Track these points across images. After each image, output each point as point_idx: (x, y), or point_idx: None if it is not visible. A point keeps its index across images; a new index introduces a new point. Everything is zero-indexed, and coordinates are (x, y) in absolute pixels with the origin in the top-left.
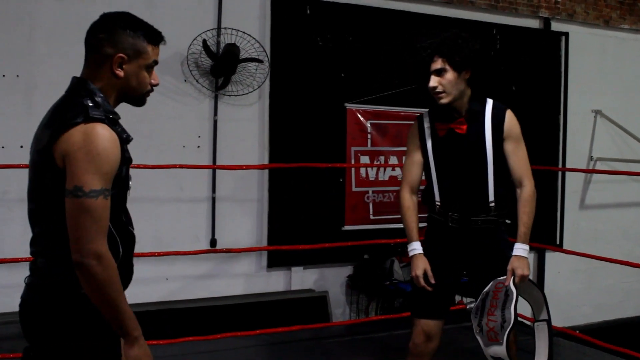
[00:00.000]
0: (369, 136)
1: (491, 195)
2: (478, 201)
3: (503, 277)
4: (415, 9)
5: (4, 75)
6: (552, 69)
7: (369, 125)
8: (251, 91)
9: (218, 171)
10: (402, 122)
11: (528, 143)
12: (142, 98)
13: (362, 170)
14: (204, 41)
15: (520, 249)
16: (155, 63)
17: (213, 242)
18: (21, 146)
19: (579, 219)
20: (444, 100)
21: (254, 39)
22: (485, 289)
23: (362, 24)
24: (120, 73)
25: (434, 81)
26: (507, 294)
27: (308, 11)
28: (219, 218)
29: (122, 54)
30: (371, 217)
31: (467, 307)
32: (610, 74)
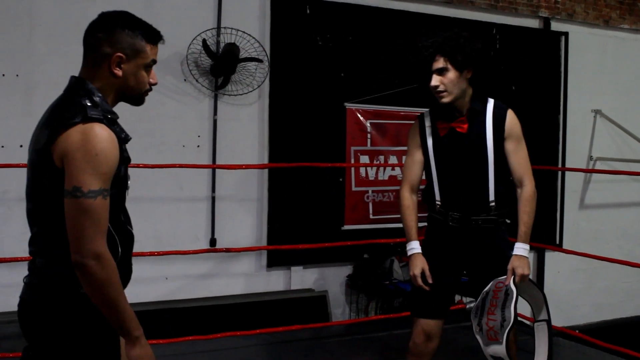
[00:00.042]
0: (368, 136)
1: (491, 194)
2: (478, 200)
3: (503, 277)
4: (415, 9)
5: (3, 75)
6: (552, 69)
7: (368, 124)
8: (251, 91)
9: (218, 171)
10: (402, 122)
11: (528, 143)
12: (141, 97)
13: (362, 170)
14: (204, 41)
15: (521, 249)
16: (154, 62)
17: (213, 242)
18: (21, 145)
19: (579, 218)
20: (445, 100)
21: (254, 38)
22: (485, 289)
23: (362, 23)
24: (119, 72)
25: (436, 80)
26: (507, 294)
27: (308, 11)
28: (219, 217)
29: (121, 53)
30: (371, 217)
31: (467, 307)
32: (610, 73)
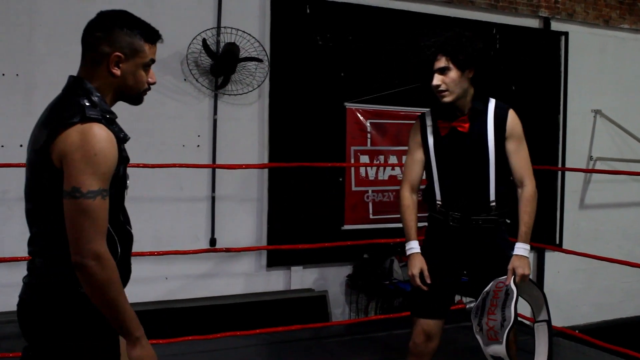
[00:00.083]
0: (368, 135)
1: (492, 194)
2: (479, 200)
3: (504, 277)
4: (415, 9)
5: (3, 74)
6: (552, 69)
7: (368, 124)
8: (251, 90)
9: (218, 170)
10: (402, 122)
11: (528, 143)
12: (139, 97)
13: (362, 170)
14: (204, 40)
15: (521, 249)
16: (152, 62)
17: (213, 242)
18: (20, 145)
19: (579, 218)
20: (447, 99)
21: (254, 38)
22: (485, 289)
23: (362, 23)
24: (117, 72)
25: (438, 79)
26: (508, 293)
27: (308, 10)
28: (219, 217)
29: (119, 52)
30: (371, 217)
31: (467, 307)
32: (610, 73)
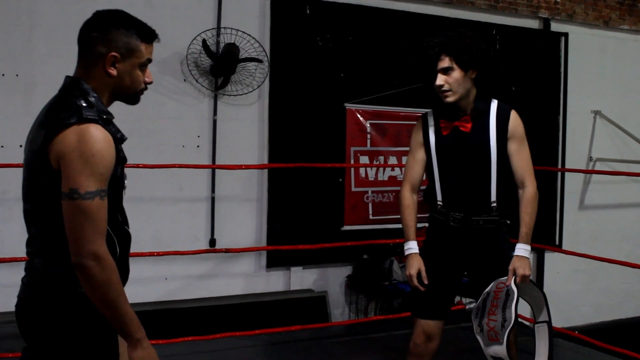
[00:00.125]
0: (368, 136)
1: (493, 195)
2: (480, 201)
3: (504, 277)
4: (415, 9)
5: (3, 75)
6: (552, 70)
7: (368, 125)
8: (251, 91)
9: (217, 171)
10: (402, 122)
11: (528, 143)
12: (136, 96)
13: (362, 170)
14: (204, 41)
15: (522, 249)
16: (149, 61)
17: (212, 242)
18: (20, 145)
19: (579, 219)
20: (450, 99)
21: (254, 38)
22: (486, 289)
23: (362, 24)
24: (114, 72)
25: (441, 79)
26: (508, 294)
27: (308, 11)
28: (219, 218)
29: (115, 52)
30: (370, 217)
31: (467, 308)
32: (610, 74)
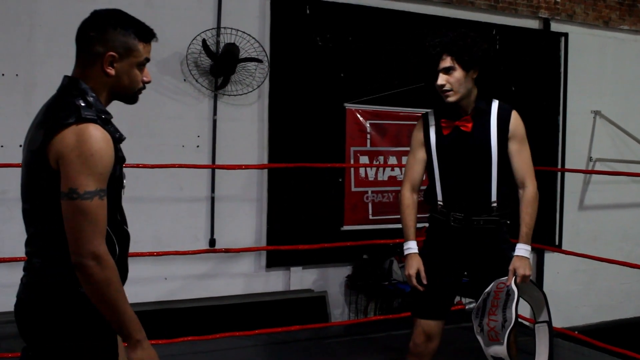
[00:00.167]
0: (368, 136)
1: (494, 195)
2: (480, 201)
3: (504, 278)
4: (414, 9)
5: (3, 75)
6: (552, 70)
7: (368, 125)
8: (250, 91)
9: (217, 171)
10: (402, 123)
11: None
12: (134, 96)
13: (362, 170)
14: (204, 41)
15: (522, 249)
16: (147, 60)
17: (212, 242)
18: (20, 145)
19: (578, 219)
20: (451, 99)
21: (254, 38)
22: (486, 289)
23: (362, 24)
24: (111, 71)
25: (442, 79)
26: (509, 294)
27: (308, 11)
28: (218, 218)
29: (113, 52)
30: (370, 217)
31: (466, 308)
32: (610, 74)
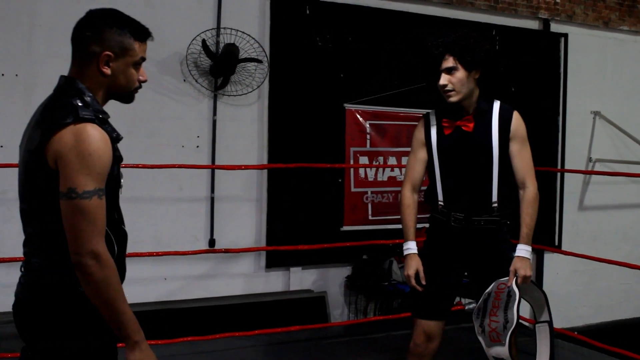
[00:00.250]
0: (368, 137)
1: (495, 195)
2: (481, 201)
3: (505, 278)
4: (414, 10)
5: (3, 75)
6: (552, 70)
7: (368, 125)
8: (250, 91)
9: (217, 171)
10: (401, 123)
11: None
12: (131, 95)
13: (361, 171)
14: (203, 41)
15: (523, 250)
16: (143, 59)
17: (212, 242)
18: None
19: (578, 220)
20: (453, 99)
21: (253, 39)
22: (487, 290)
23: (362, 24)
24: (107, 71)
25: (444, 79)
26: (510, 295)
27: (307, 11)
28: (218, 218)
29: (109, 51)
30: (370, 218)
31: (466, 308)
32: (610, 75)
